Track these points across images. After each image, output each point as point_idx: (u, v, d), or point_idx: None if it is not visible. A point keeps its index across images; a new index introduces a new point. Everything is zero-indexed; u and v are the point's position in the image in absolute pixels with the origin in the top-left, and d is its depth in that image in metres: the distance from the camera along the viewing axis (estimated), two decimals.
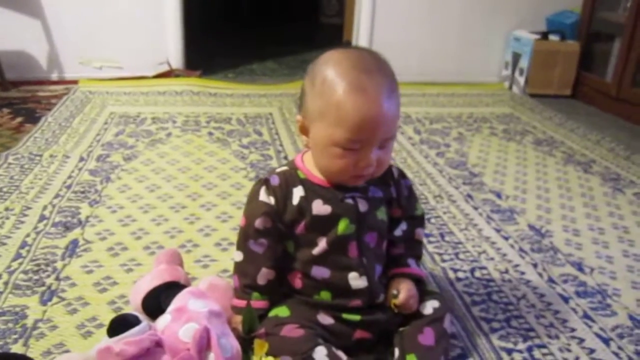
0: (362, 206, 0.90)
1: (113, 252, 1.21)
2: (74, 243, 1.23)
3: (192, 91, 2.43)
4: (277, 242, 0.91)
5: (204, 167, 1.68)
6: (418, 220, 1.01)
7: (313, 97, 0.86)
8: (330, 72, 0.84)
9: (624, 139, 2.16)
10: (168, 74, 2.63)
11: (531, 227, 1.43)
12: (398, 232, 0.98)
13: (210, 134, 1.96)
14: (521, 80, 2.75)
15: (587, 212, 1.53)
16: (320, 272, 0.90)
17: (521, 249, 1.31)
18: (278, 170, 0.93)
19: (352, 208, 0.90)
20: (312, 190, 0.90)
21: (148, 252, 1.21)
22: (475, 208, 1.51)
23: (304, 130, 0.90)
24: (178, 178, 1.59)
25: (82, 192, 1.47)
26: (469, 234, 1.37)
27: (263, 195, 0.90)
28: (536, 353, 0.97)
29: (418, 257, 1.00)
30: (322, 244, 0.89)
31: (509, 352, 0.97)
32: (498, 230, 1.39)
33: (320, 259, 0.90)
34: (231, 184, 1.57)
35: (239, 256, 0.93)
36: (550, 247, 1.33)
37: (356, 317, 0.90)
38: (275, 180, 0.90)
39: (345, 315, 0.90)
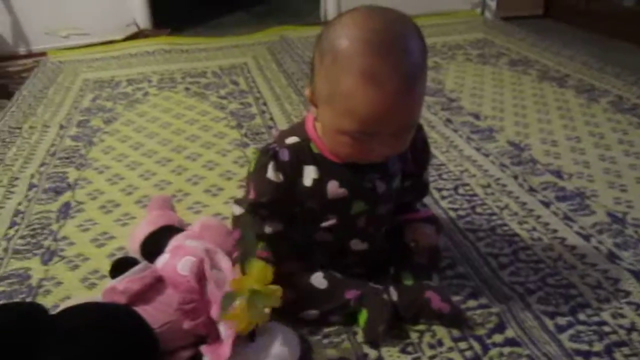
0: (380, 188, 0.85)
1: (105, 209, 1.23)
2: (67, 205, 1.25)
3: (163, 49, 2.41)
4: (286, 208, 0.86)
5: (185, 120, 1.68)
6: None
7: (322, 78, 0.76)
8: (343, 50, 0.72)
9: (596, 52, 2.17)
10: (137, 36, 2.59)
11: (510, 142, 1.46)
12: (407, 183, 0.93)
13: (187, 89, 1.95)
14: (492, 4, 2.74)
15: (563, 124, 1.57)
16: (323, 237, 0.88)
17: (502, 164, 1.35)
18: (288, 141, 0.84)
19: (369, 192, 0.85)
20: (327, 170, 0.83)
21: (140, 205, 1.24)
22: (455, 131, 1.54)
23: (314, 103, 0.81)
24: (160, 134, 1.60)
25: (67, 158, 1.48)
26: (450, 155, 1.41)
27: (271, 172, 0.82)
28: (521, 255, 1.02)
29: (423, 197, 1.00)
30: (332, 219, 0.86)
31: (496, 257, 1.02)
32: (478, 149, 1.43)
33: (327, 230, 0.87)
34: (214, 133, 1.59)
35: (242, 211, 0.91)
36: (530, 159, 1.37)
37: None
38: (284, 156, 0.82)
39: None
